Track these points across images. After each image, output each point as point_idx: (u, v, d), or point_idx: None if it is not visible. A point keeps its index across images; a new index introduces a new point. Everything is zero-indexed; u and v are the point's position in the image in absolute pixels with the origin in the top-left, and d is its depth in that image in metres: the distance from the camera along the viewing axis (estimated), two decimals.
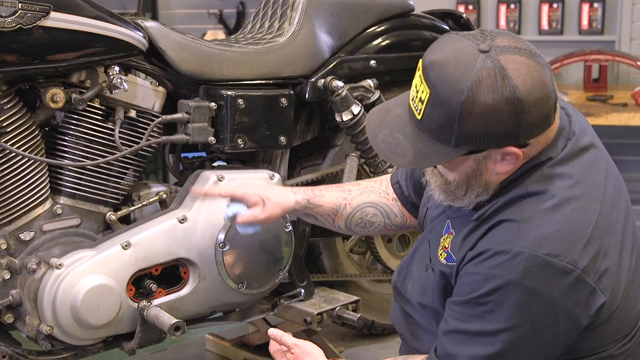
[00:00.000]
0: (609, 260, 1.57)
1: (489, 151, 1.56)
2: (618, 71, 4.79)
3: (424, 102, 1.54)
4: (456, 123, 1.51)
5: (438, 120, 1.53)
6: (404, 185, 2.09)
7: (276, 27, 2.52)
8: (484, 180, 1.61)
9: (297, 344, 1.89)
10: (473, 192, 1.63)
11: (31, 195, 2.08)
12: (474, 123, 1.50)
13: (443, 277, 1.70)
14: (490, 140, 1.53)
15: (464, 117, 1.50)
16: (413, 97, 1.58)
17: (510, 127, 1.51)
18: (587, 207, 1.59)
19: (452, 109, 1.50)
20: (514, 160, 1.58)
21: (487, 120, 1.50)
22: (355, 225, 2.09)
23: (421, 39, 2.72)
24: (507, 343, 1.55)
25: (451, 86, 1.50)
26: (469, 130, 1.51)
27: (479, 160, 1.58)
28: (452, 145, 1.54)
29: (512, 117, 1.50)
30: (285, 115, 2.41)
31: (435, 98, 1.52)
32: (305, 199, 2.07)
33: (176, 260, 2.21)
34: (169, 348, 2.95)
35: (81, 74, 2.12)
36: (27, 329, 2.09)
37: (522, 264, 1.52)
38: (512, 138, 1.53)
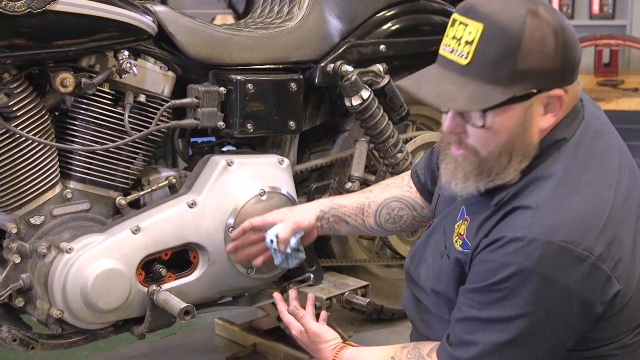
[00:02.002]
0: (623, 248, 1.57)
1: (536, 98, 1.55)
2: (629, 56, 4.77)
3: (473, 42, 1.52)
4: (513, 54, 1.50)
5: (494, 54, 1.51)
6: (421, 173, 2.09)
7: (285, 12, 2.52)
8: (528, 139, 1.58)
9: (316, 331, 1.91)
10: (518, 156, 1.59)
11: (41, 180, 2.09)
12: (530, 55, 1.50)
13: (458, 264, 1.69)
14: (541, 77, 1.53)
15: (523, 45, 1.49)
16: (453, 48, 1.55)
17: (558, 63, 1.52)
18: (601, 194, 1.58)
19: (512, 35, 1.50)
20: (557, 108, 1.57)
21: (541, 52, 1.51)
22: (385, 222, 2.10)
23: (431, 23, 2.71)
24: (521, 330, 1.54)
25: (508, 13, 1.50)
26: (524, 65, 1.50)
27: (527, 108, 1.56)
28: (507, 83, 1.52)
29: (561, 49, 1.52)
30: (294, 100, 2.40)
31: (492, 29, 1.50)
32: (329, 201, 2.10)
33: (185, 244, 2.21)
34: (178, 332, 2.97)
35: (91, 58, 2.11)
36: (38, 312, 2.10)
37: (537, 250, 1.51)
38: (558, 77, 1.54)
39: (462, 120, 1.60)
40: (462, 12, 1.55)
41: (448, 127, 1.62)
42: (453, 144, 1.66)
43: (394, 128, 2.55)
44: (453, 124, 1.61)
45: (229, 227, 2.23)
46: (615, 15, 4.71)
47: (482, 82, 1.53)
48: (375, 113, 2.47)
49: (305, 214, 2.10)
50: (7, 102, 2.00)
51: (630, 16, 4.66)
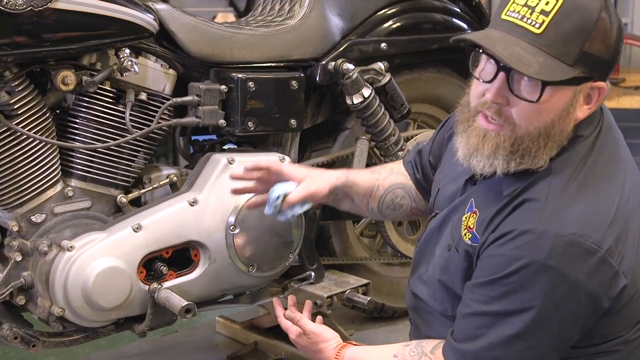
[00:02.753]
0: (630, 243, 1.57)
1: (584, 85, 1.56)
2: (630, 54, 4.76)
3: (550, 13, 1.51)
4: (587, 34, 1.50)
5: (569, 28, 1.50)
6: (410, 169, 2.09)
7: (287, 10, 2.52)
8: (567, 125, 1.57)
9: (315, 331, 1.90)
10: (555, 140, 1.57)
11: (42, 178, 2.09)
12: (598, 40, 1.51)
13: (467, 258, 1.68)
14: (598, 65, 1.54)
15: (597, 27, 1.51)
16: (524, 15, 1.53)
17: (612, 57, 1.55)
18: (610, 189, 1.58)
19: (589, 15, 1.51)
20: (594, 101, 1.58)
21: (605, 41, 1.52)
22: (386, 208, 2.10)
23: (432, 21, 2.71)
24: (528, 323, 1.54)
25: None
26: (591, 48, 1.51)
27: (576, 93, 1.56)
28: (571, 63, 1.51)
29: (617, 45, 1.55)
30: (295, 98, 2.40)
31: (572, 4, 1.50)
32: (344, 175, 2.06)
33: (187, 242, 2.21)
34: (179, 330, 2.97)
35: (92, 56, 2.11)
36: (39, 310, 2.10)
37: (547, 243, 1.50)
38: (608, 70, 1.56)
39: (509, 92, 1.55)
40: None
41: (494, 96, 1.56)
42: (484, 115, 1.60)
43: (395, 126, 2.55)
44: (500, 92, 1.56)
45: (230, 225, 2.23)
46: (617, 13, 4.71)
47: (549, 55, 1.51)
48: (376, 111, 2.47)
49: (321, 184, 2.01)
50: (8, 100, 2.00)
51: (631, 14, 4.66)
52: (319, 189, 2.00)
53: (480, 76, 1.60)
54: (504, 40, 1.53)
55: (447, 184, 1.85)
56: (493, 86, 1.56)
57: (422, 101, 2.83)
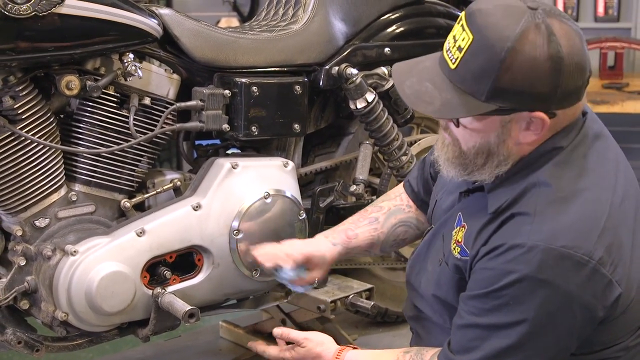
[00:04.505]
0: (622, 251, 1.56)
1: (517, 114, 1.55)
2: (634, 59, 4.76)
3: (463, 49, 1.52)
4: (495, 72, 1.49)
5: (476, 68, 1.51)
6: (414, 183, 2.10)
7: (290, 15, 2.52)
8: (505, 149, 1.59)
9: (307, 337, 1.89)
10: (493, 161, 1.60)
11: (46, 182, 2.09)
12: (513, 76, 1.49)
13: (457, 271, 1.69)
14: (523, 99, 1.51)
15: (505, 66, 1.48)
16: (449, 47, 1.56)
17: (546, 88, 1.50)
18: (599, 198, 1.58)
19: (495, 54, 1.48)
20: (539, 129, 1.56)
21: (527, 75, 1.49)
22: (390, 247, 2.14)
23: (435, 26, 2.71)
24: (522, 336, 1.54)
25: (498, 32, 1.49)
26: (506, 84, 1.49)
27: (505, 122, 1.56)
28: (484, 99, 1.52)
29: (551, 77, 1.49)
30: (299, 103, 2.40)
31: (479, 42, 1.50)
32: (344, 247, 2.08)
33: (190, 247, 2.21)
34: (182, 335, 2.97)
35: (96, 61, 2.12)
36: (42, 315, 2.10)
37: (537, 257, 1.50)
38: (544, 102, 1.52)
39: None
40: (466, 14, 1.55)
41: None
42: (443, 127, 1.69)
43: (398, 131, 2.55)
44: None
45: (234, 230, 2.23)
46: (620, 17, 4.70)
47: (461, 91, 1.54)
48: (379, 116, 2.47)
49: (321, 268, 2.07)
50: (12, 104, 2.01)
51: (635, 19, 4.66)
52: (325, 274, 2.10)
53: None
54: (424, 72, 1.60)
55: (443, 196, 1.86)
56: None
57: None
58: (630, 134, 4.42)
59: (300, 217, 2.35)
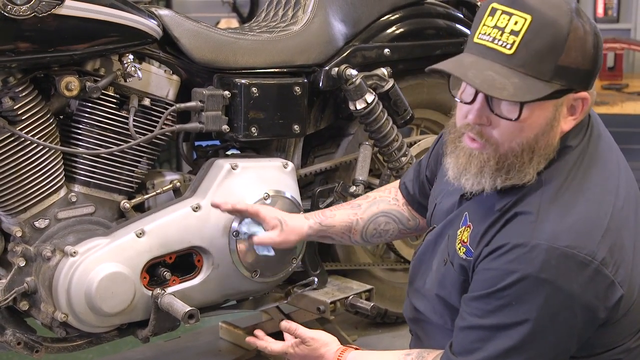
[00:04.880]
0: (624, 252, 1.56)
1: (565, 98, 1.55)
2: (633, 60, 4.76)
3: (519, 32, 1.50)
4: (559, 49, 1.50)
5: (540, 46, 1.50)
6: (410, 185, 2.09)
7: (290, 16, 2.52)
8: (551, 139, 1.57)
9: (314, 337, 1.89)
10: (538, 156, 1.57)
11: (46, 183, 2.09)
12: (573, 53, 1.50)
13: (462, 272, 1.68)
14: (577, 76, 1.53)
15: (569, 40, 1.50)
16: (495, 37, 1.53)
17: (592, 65, 1.54)
18: (603, 199, 1.57)
19: (559, 31, 1.49)
20: (579, 112, 1.57)
21: (581, 51, 1.51)
22: (370, 237, 2.12)
23: (435, 27, 2.71)
24: (524, 336, 1.53)
25: (557, 9, 1.50)
26: (567, 62, 1.51)
27: (557, 106, 1.55)
28: (547, 79, 1.51)
29: (594, 54, 1.53)
30: (299, 104, 2.40)
31: (540, 21, 1.49)
32: (317, 222, 2.10)
33: (190, 248, 2.21)
34: (182, 336, 2.97)
35: (95, 62, 2.12)
36: (42, 316, 2.10)
37: (540, 256, 1.50)
38: (589, 80, 1.55)
39: (489, 111, 1.56)
40: (505, 3, 1.53)
41: (475, 117, 1.57)
42: (469, 136, 1.60)
43: (398, 132, 2.55)
44: (481, 113, 1.57)
45: (233, 231, 2.23)
46: (620, 18, 4.70)
47: (524, 74, 1.51)
48: (379, 117, 2.47)
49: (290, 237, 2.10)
50: (12, 105, 2.01)
51: (634, 20, 4.66)
52: (286, 240, 2.11)
53: (461, 98, 1.61)
54: (476, 65, 1.54)
55: (443, 198, 1.86)
56: (474, 107, 1.57)
57: (425, 107, 2.83)
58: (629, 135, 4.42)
59: None
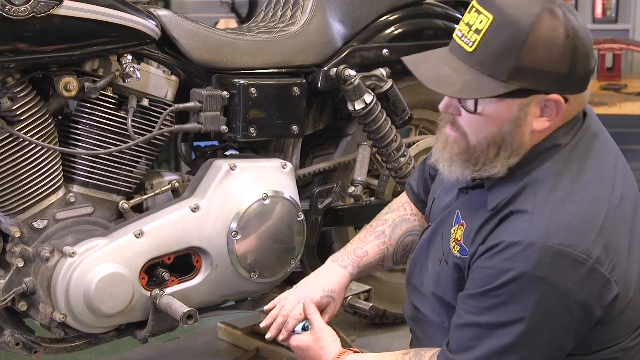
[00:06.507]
0: (620, 251, 1.56)
1: (534, 98, 1.55)
2: (632, 60, 4.76)
3: (481, 31, 1.53)
4: (518, 50, 1.50)
5: (499, 46, 1.51)
6: (414, 185, 2.10)
7: (289, 16, 2.52)
8: (519, 137, 1.58)
9: (322, 328, 1.90)
10: (506, 151, 1.59)
11: (45, 184, 2.09)
12: (535, 54, 1.50)
13: (457, 270, 1.69)
14: (543, 79, 1.52)
15: (529, 42, 1.50)
16: (463, 34, 1.57)
17: (564, 69, 1.52)
18: (597, 197, 1.58)
19: (519, 30, 1.50)
20: (554, 114, 1.57)
21: (547, 54, 1.50)
22: (401, 258, 2.12)
23: (434, 27, 2.71)
24: (520, 334, 1.54)
25: (520, 10, 1.51)
26: (527, 63, 1.51)
27: (523, 106, 1.56)
28: (504, 79, 1.52)
29: (569, 58, 1.52)
30: (297, 105, 2.40)
31: (501, 21, 1.51)
32: (356, 267, 2.08)
33: (189, 249, 2.21)
34: (181, 337, 2.96)
35: (94, 62, 2.12)
36: (41, 317, 2.10)
37: (535, 255, 1.50)
38: (562, 83, 1.54)
39: (458, 103, 1.61)
40: (480, 1, 1.56)
41: (443, 107, 1.64)
42: (447, 124, 1.67)
43: (397, 132, 2.55)
44: (448, 104, 1.63)
45: (232, 232, 2.23)
46: (619, 19, 4.70)
47: (481, 73, 1.54)
48: (378, 117, 2.47)
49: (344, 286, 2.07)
50: (11, 106, 2.01)
51: (633, 20, 4.66)
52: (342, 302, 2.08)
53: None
54: (439, 59, 1.59)
55: (442, 194, 1.86)
56: (445, 98, 1.63)
57: (424, 107, 2.83)
58: (628, 135, 4.42)
59: (298, 218, 2.35)
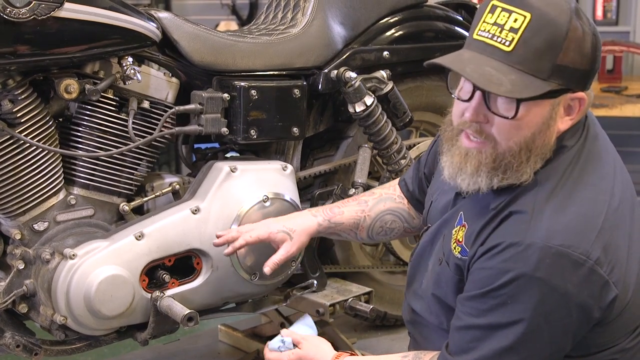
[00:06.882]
0: (619, 253, 1.57)
1: (562, 97, 1.56)
2: (632, 62, 4.76)
3: (518, 30, 1.51)
4: (558, 48, 1.51)
5: (539, 44, 1.51)
6: (409, 182, 2.10)
7: (289, 18, 2.52)
8: (547, 139, 1.58)
9: (306, 338, 1.89)
10: (535, 156, 1.57)
11: (45, 186, 2.09)
12: (571, 52, 1.51)
13: (458, 271, 1.68)
14: (574, 76, 1.54)
15: (568, 39, 1.50)
16: (494, 34, 1.54)
17: (590, 65, 1.55)
18: (597, 198, 1.58)
19: (558, 29, 1.50)
20: (575, 112, 1.58)
21: (579, 51, 1.52)
22: (376, 234, 2.12)
23: (434, 30, 2.72)
24: (519, 335, 1.54)
25: (557, 7, 1.51)
26: (565, 61, 1.51)
27: (554, 106, 1.56)
28: (545, 77, 1.52)
29: (592, 54, 1.54)
30: (298, 106, 2.40)
31: (540, 19, 1.51)
32: (326, 220, 2.09)
33: (189, 251, 2.21)
34: (181, 339, 2.96)
35: (95, 64, 2.12)
36: (41, 319, 2.10)
37: (535, 255, 1.50)
38: (586, 80, 1.56)
39: (486, 109, 1.57)
40: (505, 0, 1.54)
41: (472, 115, 1.58)
42: (466, 134, 1.62)
43: (397, 134, 2.55)
44: (478, 111, 1.58)
45: None
46: (619, 21, 4.70)
47: (522, 71, 1.52)
48: (378, 119, 2.47)
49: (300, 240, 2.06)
50: (11, 108, 2.01)
51: (633, 22, 4.66)
52: (300, 246, 2.07)
53: (459, 96, 1.63)
54: (475, 60, 1.55)
55: (439, 196, 1.86)
56: (471, 105, 1.59)
57: (424, 109, 2.84)
58: (628, 137, 4.42)
59: None
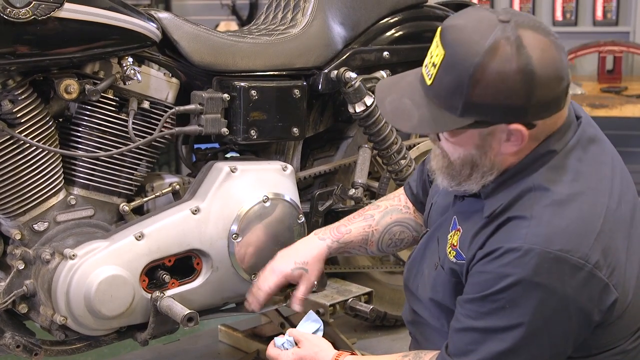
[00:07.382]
0: (618, 255, 1.57)
1: (495, 127, 1.55)
2: (632, 62, 4.76)
3: (436, 65, 1.54)
4: (465, 88, 1.50)
5: (448, 84, 1.52)
6: (414, 185, 2.10)
7: (289, 19, 2.52)
8: (488, 160, 1.60)
9: (307, 337, 1.89)
10: (479, 171, 1.62)
11: (45, 186, 2.09)
12: (484, 90, 1.50)
13: (454, 275, 1.69)
14: (497, 112, 1.52)
15: (474, 81, 1.49)
16: (427, 63, 1.58)
17: (520, 101, 1.50)
18: (595, 201, 1.58)
19: (464, 70, 1.50)
20: (519, 141, 1.56)
21: (497, 89, 1.49)
22: (387, 247, 2.12)
23: (434, 30, 2.67)
24: (519, 339, 1.54)
25: (467, 48, 1.50)
26: (477, 99, 1.50)
27: (483, 135, 1.57)
28: (459, 114, 1.53)
29: (522, 90, 1.49)
30: (298, 107, 2.40)
31: (449, 59, 1.51)
32: (335, 241, 2.08)
33: (189, 251, 2.21)
34: (181, 339, 2.97)
35: (95, 65, 2.12)
36: (41, 319, 2.10)
37: (533, 260, 1.51)
38: (520, 114, 1.53)
39: None
40: (441, 30, 1.57)
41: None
42: None
43: (397, 134, 2.55)
44: None
45: (232, 234, 2.23)
46: (619, 21, 4.70)
47: (437, 106, 1.56)
48: (378, 119, 2.47)
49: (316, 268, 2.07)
50: (11, 108, 2.01)
51: (633, 23, 4.66)
52: (318, 273, 2.08)
53: None
54: (404, 89, 1.63)
55: (439, 199, 1.87)
56: None
57: None
58: (628, 137, 4.42)
59: (299, 220, 2.35)
